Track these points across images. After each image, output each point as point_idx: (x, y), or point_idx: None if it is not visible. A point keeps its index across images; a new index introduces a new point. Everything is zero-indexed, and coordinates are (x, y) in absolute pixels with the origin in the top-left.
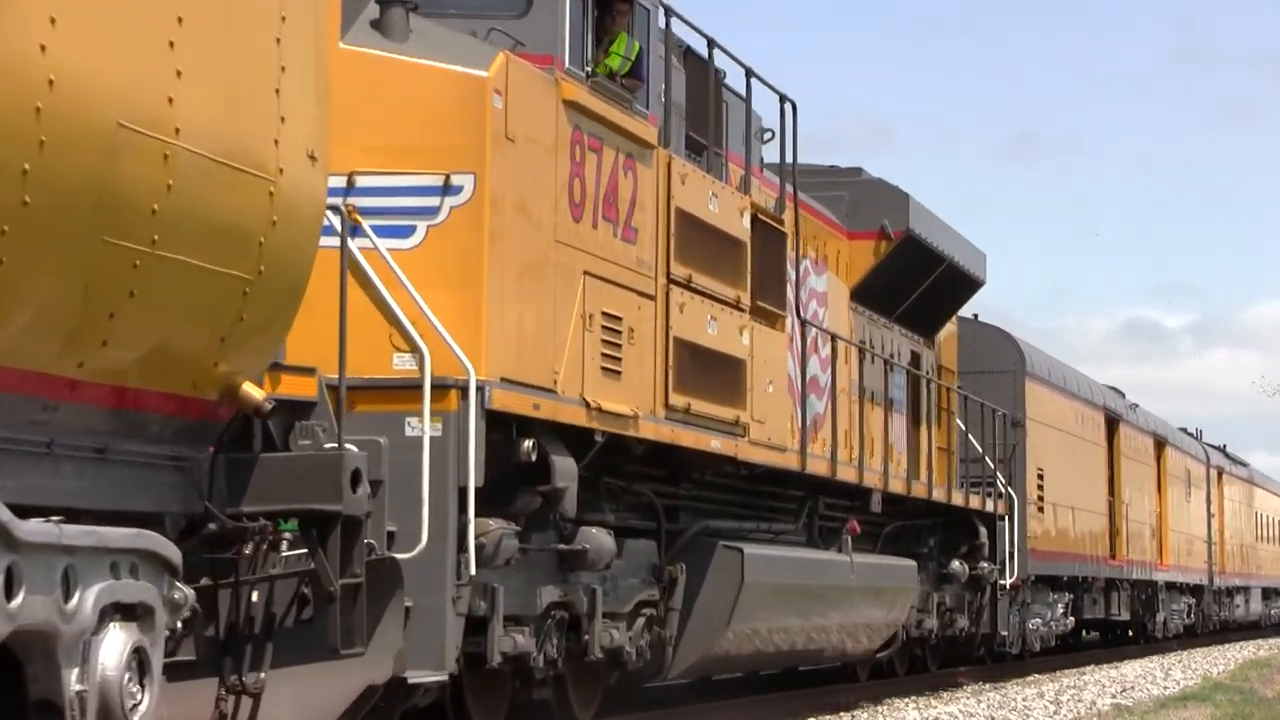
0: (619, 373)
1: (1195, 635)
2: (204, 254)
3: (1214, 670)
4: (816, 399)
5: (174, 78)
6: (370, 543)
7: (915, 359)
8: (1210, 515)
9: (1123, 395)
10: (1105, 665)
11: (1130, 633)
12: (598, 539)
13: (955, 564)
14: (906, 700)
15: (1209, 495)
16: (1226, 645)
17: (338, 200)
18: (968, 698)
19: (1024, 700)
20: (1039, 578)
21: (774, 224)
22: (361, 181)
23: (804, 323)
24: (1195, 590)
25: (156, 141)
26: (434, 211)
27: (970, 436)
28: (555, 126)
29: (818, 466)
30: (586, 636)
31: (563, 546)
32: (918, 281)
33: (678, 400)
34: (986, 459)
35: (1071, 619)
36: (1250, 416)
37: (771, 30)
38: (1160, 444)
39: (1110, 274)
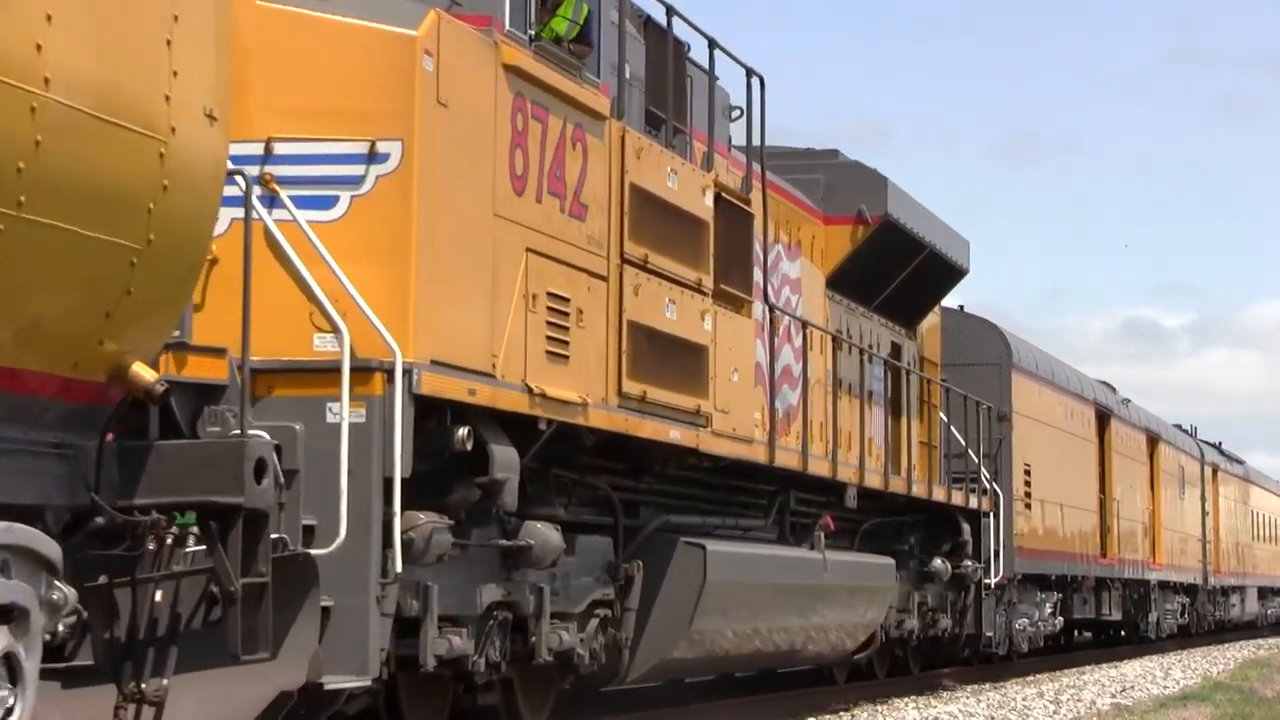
0: (566, 357)
1: (1189, 635)
2: (82, 219)
3: (1214, 670)
4: (789, 390)
5: (43, 22)
6: (282, 538)
7: (895, 350)
8: (1205, 513)
9: (1114, 390)
10: (1105, 665)
11: (1123, 633)
12: (543, 534)
13: (937, 562)
14: (906, 700)
15: (1203, 493)
16: (1226, 645)
17: (253, 168)
18: (967, 697)
19: (1024, 700)
20: (1026, 577)
21: (739, 204)
22: (280, 148)
23: (775, 310)
24: (1189, 590)
25: (21, 92)
26: (358, 181)
27: (954, 431)
28: (494, 92)
29: (788, 460)
30: (534, 638)
31: (504, 542)
32: (897, 269)
33: (632, 388)
34: (970, 454)
35: (1060, 619)
36: (1250, 416)
37: (772, 31)
38: (1153, 440)
39: (1109, 274)
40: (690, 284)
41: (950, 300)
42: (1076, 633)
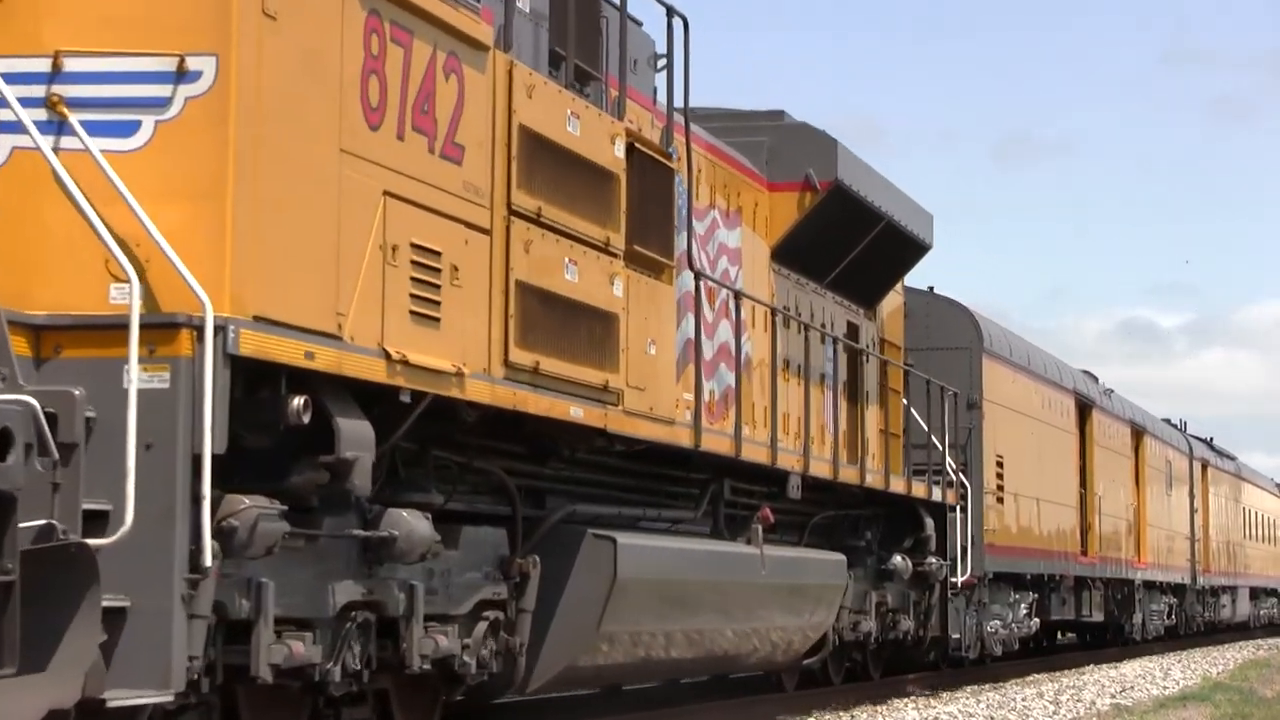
0: (437, 320)
1: (1178, 637)
2: None
3: (1213, 670)
4: (726, 369)
5: None
6: (51, 524)
7: (852, 330)
8: (1194, 510)
9: (1096, 379)
10: (1105, 665)
11: (1108, 635)
12: (408, 524)
13: (897, 559)
14: (906, 700)
15: (1192, 489)
16: (1225, 645)
17: (39, 87)
18: (967, 698)
19: (1023, 700)
20: (998, 576)
21: (658, 158)
22: (70, 65)
23: (703, 278)
24: (1177, 590)
25: None
26: (164, 103)
27: (917, 418)
28: (340, 7)
29: (718, 444)
30: (405, 644)
31: (360, 533)
32: (852, 241)
33: (522, 357)
34: (935, 442)
35: (1036, 620)
36: (1248, 416)
37: (769, 31)
38: (1138, 433)
39: (1106, 274)
40: (596, 243)
41: (920, 283)
42: (1060, 634)
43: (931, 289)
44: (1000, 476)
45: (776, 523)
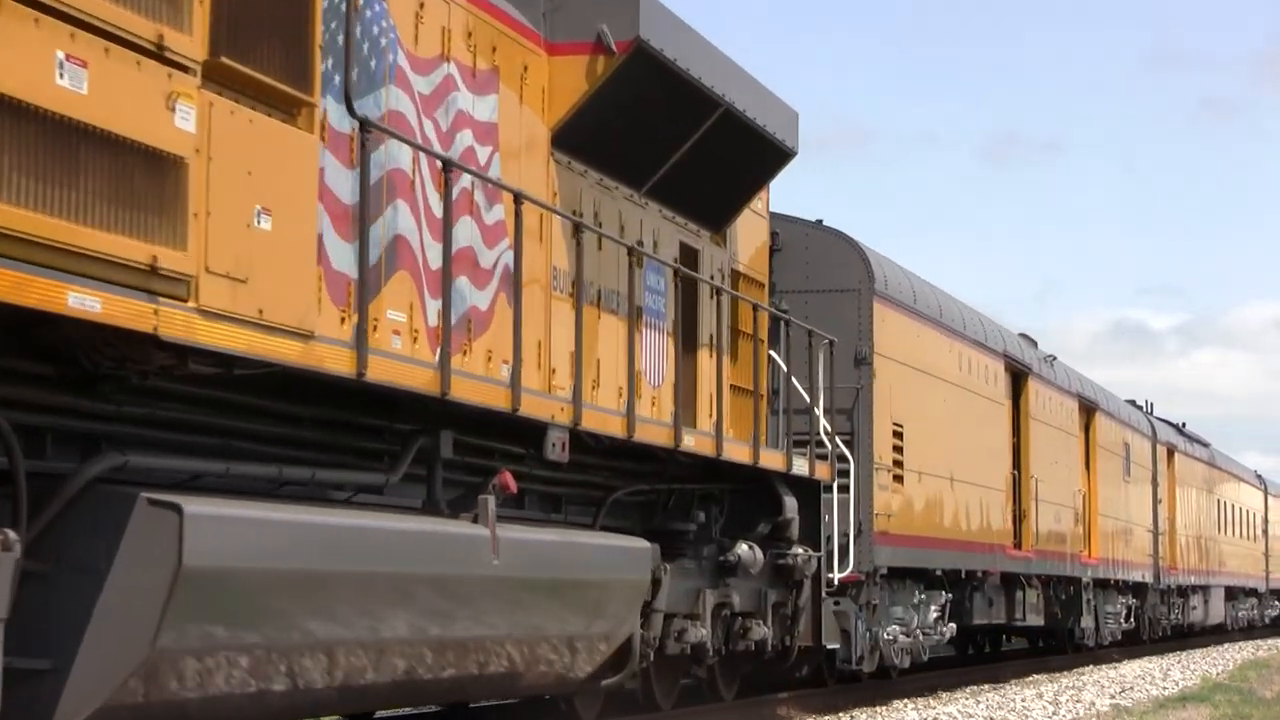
0: None
1: (1139, 642)
2: None
3: (1213, 671)
4: (472, 285)
5: None
6: None
7: (689, 255)
8: (1157, 500)
9: (1035, 344)
10: (1104, 665)
11: (1056, 639)
12: None
13: (742, 548)
14: (905, 701)
15: (1156, 477)
16: (1225, 646)
17: None
18: (966, 698)
19: (1023, 701)
20: (898, 571)
21: None
22: None
23: (430, 155)
24: (1137, 590)
25: None
26: None
27: (784, 368)
28: None
29: (411, 376)
30: None
31: None
32: (678, 135)
33: None
34: (801, 391)
35: (951, 626)
36: (1243, 418)
37: (757, 32)
38: (1088, 409)
39: (1096, 275)
40: (135, 40)
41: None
42: (1007, 639)
43: (821, 221)
44: (899, 450)
45: (559, 497)
